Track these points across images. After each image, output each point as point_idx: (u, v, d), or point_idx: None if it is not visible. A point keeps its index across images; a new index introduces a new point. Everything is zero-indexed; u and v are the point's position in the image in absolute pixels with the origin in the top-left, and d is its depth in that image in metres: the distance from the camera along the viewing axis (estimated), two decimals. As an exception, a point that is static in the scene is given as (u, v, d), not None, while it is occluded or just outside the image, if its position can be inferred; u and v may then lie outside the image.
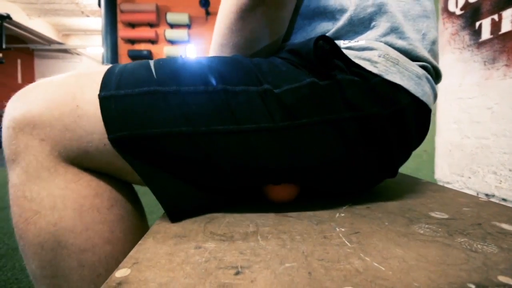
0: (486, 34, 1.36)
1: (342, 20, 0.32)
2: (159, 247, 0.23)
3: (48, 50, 7.17)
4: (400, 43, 0.32)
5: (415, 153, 1.83)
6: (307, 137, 0.29)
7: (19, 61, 6.79)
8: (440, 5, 1.66)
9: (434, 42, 0.35)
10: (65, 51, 7.28)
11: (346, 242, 0.24)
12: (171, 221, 0.28)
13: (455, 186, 1.59)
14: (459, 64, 1.53)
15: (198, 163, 0.28)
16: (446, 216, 0.30)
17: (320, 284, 0.18)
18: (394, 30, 0.32)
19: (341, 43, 0.32)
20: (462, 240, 0.24)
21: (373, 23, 0.32)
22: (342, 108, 0.29)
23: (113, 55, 3.21)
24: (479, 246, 0.23)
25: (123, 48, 3.36)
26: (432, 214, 0.31)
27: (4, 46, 4.94)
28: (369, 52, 0.31)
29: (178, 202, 0.29)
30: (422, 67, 0.33)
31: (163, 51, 3.35)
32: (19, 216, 0.27)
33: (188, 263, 0.20)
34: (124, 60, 3.37)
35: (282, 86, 0.29)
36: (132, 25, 3.38)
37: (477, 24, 1.40)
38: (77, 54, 7.51)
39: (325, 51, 0.29)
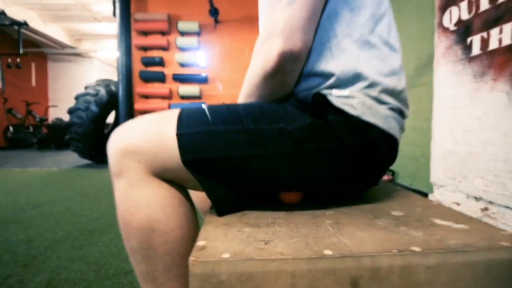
0: (476, 49, 1.47)
1: (334, 78, 0.44)
2: (216, 230, 0.38)
3: (61, 54, 7.44)
4: (374, 93, 0.44)
5: (414, 157, 1.99)
6: (310, 159, 0.42)
7: (33, 64, 7.07)
8: (436, 20, 1.78)
9: (402, 91, 0.47)
10: (77, 54, 7.54)
11: (330, 228, 0.38)
12: (218, 215, 0.43)
13: (448, 189, 1.71)
14: (452, 76, 1.65)
15: (241, 176, 0.42)
16: (401, 214, 0.44)
17: (312, 249, 0.32)
18: (371, 85, 0.44)
19: (334, 92, 0.45)
20: (403, 228, 0.38)
21: (356, 81, 0.44)
22: (333, 139, 0.43)
23: (127, 61, 3.39)
24: (412, 232, 0.37)
25: (137, 55, 3.54)
26: (392, 212, 0.45)
27: (21, 51, 5.18)
28: (351, 100, 0.43)
29: (226, 205, 0.43)
30: (391, 108, 0.46)
31: (175, 57, 3.52)
32: (125, 210, 0.41)
33: (236, 238, 0.35)
34: (137, 66, 3.54)
35: (292, 125, 0.42)
36: (145, 33, 3.55)
37: (469, 40, 1.52)
38: (88, 57, 7.76)
39: (320, 102, 0.43)
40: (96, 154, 3.58)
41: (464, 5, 1.53)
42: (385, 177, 2.55)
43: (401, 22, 2.45)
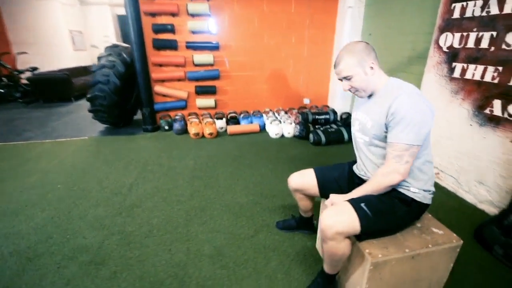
0: (457, 73, 2.08)
1: (410, 183, 1.14)
2: (371, 243, 1.11)
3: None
4: (426, 187, 1.14)
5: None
6: (405, 221, 1.18)
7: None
8: (434, 37, 2.27)
9: (434, 182, 1.19)
10: (32, -15, 6.31)
11: (400, 238, 1.13)
12: (359, 241, 1.14)
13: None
14: (436, 85, 2.29)
15: (379, 232, 1.15)
16: (419, 226, 1.21)
17: (399, 250, 1.08)
18: (425, 184, 1.14)
19: (411, 189, 1.13)
20: (423, 235, 1.15)
21: (419, 184, 1.14)
22: (413, 213, 1.16)
23: (138, 28, 3.34)
24: (424, 236, 1.14)
25: (147, 22, 3.45)
26: (417, 224, 1.21)
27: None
28: (418, 194, 1.13)
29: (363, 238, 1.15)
30: (432, 193, 1.17)
31: (187, 25, 3.52)
32: (335, 250, 1.07)
33: (375, 245, 1.09)
34: (148, 33, 3.49)
35: (400, 212, 1.13)
36: (151, -4, 3.37)
37: (453, 64, 2.10)
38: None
39: (410, 201, 1.13)
40: (119, 121, 3.86)
41: (457, 36, 2.05)
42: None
43: (403, 15, 2.82)
